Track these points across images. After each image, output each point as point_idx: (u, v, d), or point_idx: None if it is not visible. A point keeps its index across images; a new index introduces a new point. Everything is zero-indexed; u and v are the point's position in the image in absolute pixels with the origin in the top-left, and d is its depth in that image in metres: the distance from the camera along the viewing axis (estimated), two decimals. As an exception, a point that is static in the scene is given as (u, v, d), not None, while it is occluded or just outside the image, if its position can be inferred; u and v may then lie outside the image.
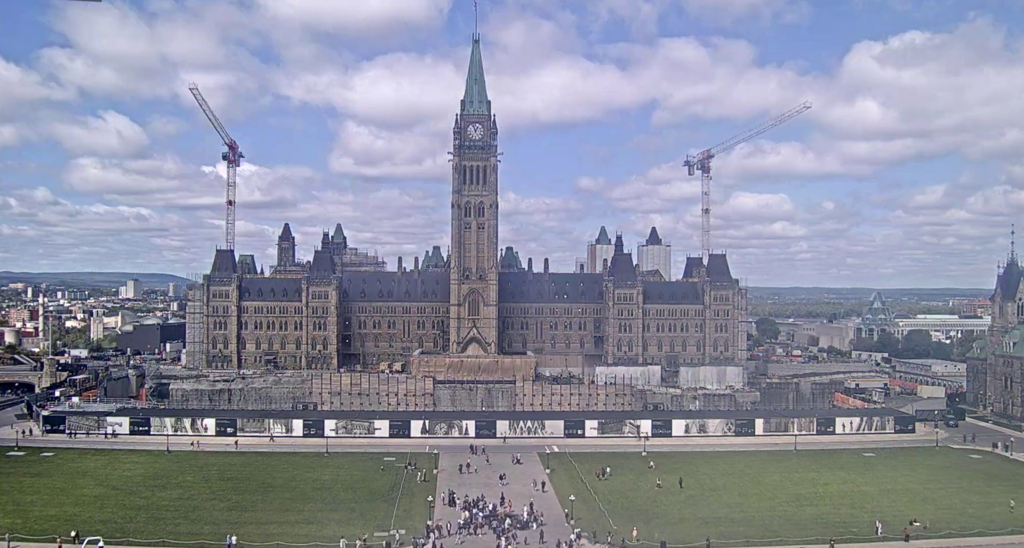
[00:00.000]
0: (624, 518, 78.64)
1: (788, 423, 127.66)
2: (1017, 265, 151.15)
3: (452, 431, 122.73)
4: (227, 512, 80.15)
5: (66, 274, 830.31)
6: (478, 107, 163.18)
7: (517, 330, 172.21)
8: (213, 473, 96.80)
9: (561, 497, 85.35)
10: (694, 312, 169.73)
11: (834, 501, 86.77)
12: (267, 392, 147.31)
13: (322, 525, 75.37)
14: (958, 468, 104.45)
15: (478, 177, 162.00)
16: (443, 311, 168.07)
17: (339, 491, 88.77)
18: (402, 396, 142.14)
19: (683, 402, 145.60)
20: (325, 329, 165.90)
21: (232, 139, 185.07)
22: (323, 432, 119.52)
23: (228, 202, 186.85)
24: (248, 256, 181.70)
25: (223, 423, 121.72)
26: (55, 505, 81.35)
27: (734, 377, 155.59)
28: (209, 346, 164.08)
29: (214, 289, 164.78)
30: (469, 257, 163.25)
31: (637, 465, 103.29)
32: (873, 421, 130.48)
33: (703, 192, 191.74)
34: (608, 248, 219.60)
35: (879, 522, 76.00)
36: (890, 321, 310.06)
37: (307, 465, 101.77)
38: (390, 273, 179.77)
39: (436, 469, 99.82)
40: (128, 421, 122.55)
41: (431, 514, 78.14)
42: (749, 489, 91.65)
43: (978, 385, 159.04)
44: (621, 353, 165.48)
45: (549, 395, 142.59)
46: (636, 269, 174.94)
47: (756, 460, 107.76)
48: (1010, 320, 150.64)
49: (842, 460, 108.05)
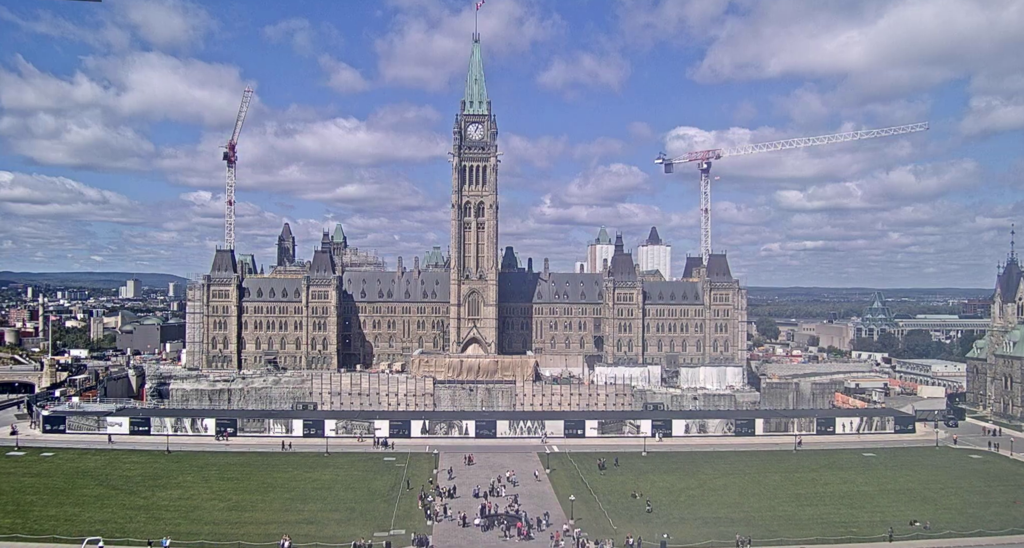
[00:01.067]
0: (624, 518, 78.67)
1: (788, 423, 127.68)
2: (1017, 265, 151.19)
3: (452, 431, 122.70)
4: (227, 512, 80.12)
5: (66, 274, 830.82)
6: (478, 107, 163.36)
7: (517, 330, 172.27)
8: (213, 473, 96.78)
9: (561, 497, 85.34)
10: (694, 312, 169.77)
11: (834, 501, 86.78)
12: (267, 392, 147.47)
13: (322, 525, 75.36)
14: (958, 468, 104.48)
15: (478, 177, 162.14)
16: (443, 311, 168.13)
17: (339, 491, 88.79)
18: (402, 396, 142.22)
19: (683, 402, 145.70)
20: (325, 329, 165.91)
21: (232, 140, 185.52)
22: (323, 432, 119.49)
23: (228, 202, 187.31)
24: (248, 256, 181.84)
25: (223, 423, 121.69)
26: (55, 505, 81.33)
27: (734, 377, 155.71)
28: (209, 346, 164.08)
29: (214, 289, 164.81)
30: (469, 257, 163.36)
31: (637, 465, 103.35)
32: (873, 421, 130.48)
33: (703, 192, 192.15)
34: (608, 248, 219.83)
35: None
36: (890, 321, 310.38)
37: (307, 465, 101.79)
38: (390, 273, 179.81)
39: (436, 469, 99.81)
40: (128, 421, 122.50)
41: (431, 514, 78.07)
42: (749, 489, 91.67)
43: (978, 385, 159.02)
44: (621, 353, 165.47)
45: (549, 395, 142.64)
46: (636, 269, 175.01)
47: (756, 460, 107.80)
48: (1010, 320, 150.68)
49: (842, 460, 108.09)
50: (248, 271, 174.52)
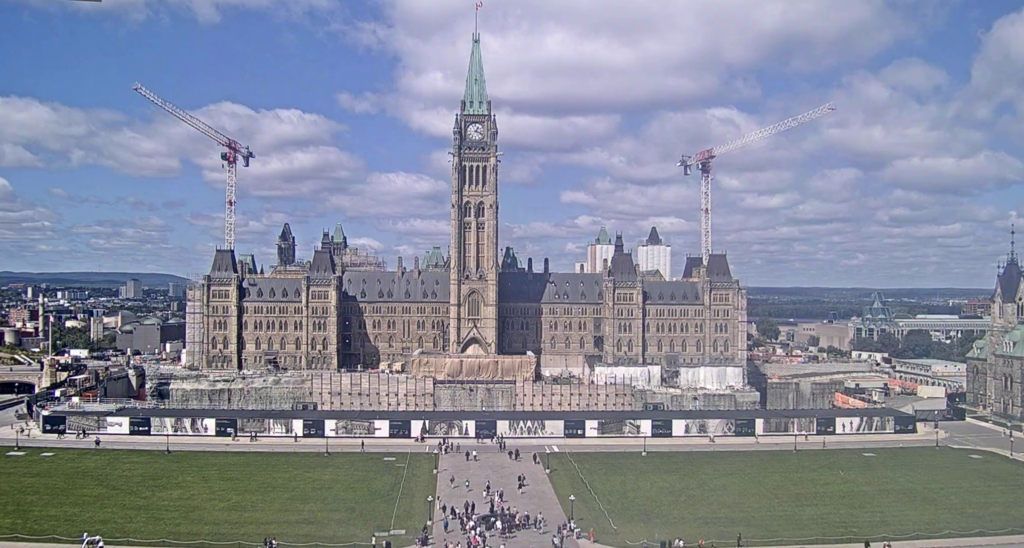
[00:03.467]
0: (624, 518, 78.68)
1: (788, 423, 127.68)
2: (1017, 265, 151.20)
3: (452, 431, 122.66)
4: (227, 512, 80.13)
5: (66, 274, 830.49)
6: (478, 107, 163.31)
7: (517, 330, 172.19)
8: (213, 473, 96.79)
9: (561, 497, 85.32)
10: (694, 312, 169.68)
11: (834, 501, 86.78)
12: (267, 392, 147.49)
13: (322, 525, 75.35)
14: (958, 468, 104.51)
15: (478, 177, 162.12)
16: (443, 311, 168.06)
17: (339, 491, 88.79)
18: (402, 396, 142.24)
19: (683, 402, 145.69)
20: (325, 329, 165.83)
21: (229, 139, 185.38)
22: (323, 432, 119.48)
23: (228, 202, 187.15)
24: (248, 256, 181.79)
25: (223, 423, 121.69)
26: (55, 505, 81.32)
27: (734, 377, 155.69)
28: (209, 346, 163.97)
29: (214, 289, 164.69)
30: (469, 257, 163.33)
31: (638, 465, 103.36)
32: (873, 421, 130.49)
33: (703, 192, 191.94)
34: (608, 248, 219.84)
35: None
36: (890, 321, 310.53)
37: (307, 465, 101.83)
38: (390, 273, 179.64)
39: (436, 469, 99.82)
40: (128, 421, 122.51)
41: (431, 514, 78.06)
42: (749, 489, 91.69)
43: (978, 385, 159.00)
44: (621, 353, 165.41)
45: (549, 395, 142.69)
46: (636, 269, 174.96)
47: (756, 460, 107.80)
48: (1010, 320, 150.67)
49: (842, 460, 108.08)
50: (248, 271, 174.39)
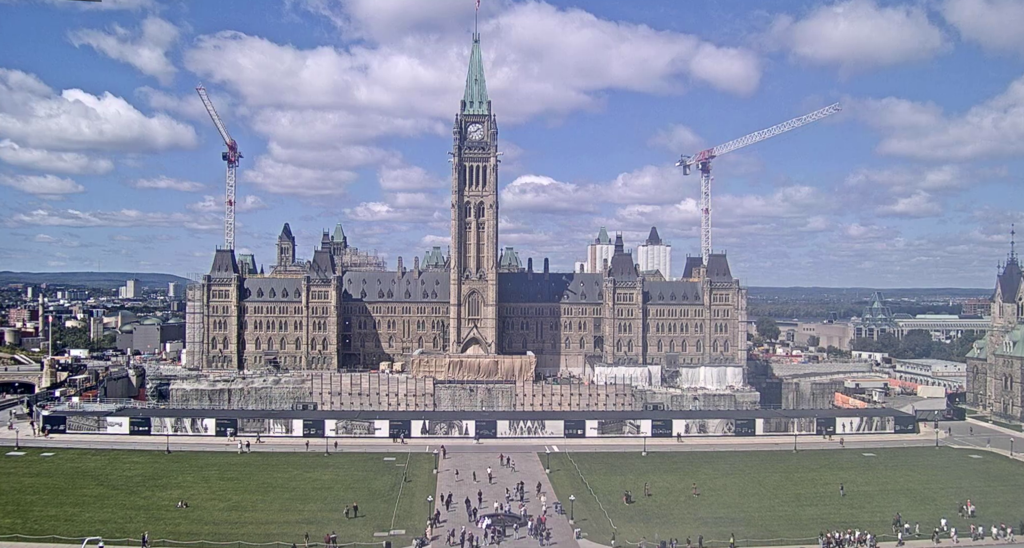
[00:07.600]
0: (624, 518, 78.68)
1: (788, 423, 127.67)
2: (1017, 265, 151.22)
3: (452, 431, 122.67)
4: (227, 512, 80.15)
5: (66, 274, 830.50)
6: (478, 107, 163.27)
7: (517, 330, 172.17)
8: (213, 473, 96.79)
9: (561, 497, 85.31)
10: (694, 312, 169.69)
11: (834, 501, 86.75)
12: (267, 392, 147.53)
13: (322, 525, 75.32)
14: (958, 468, 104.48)
15: (478, 177, 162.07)
16: (443, 311, 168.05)
17: (339, 491, 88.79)
18: (402, 396, 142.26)
19: (683, 402, 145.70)
20: (325, 329, 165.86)
21: (232, 139, 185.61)
22: (323, 432, 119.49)
23: (228, 202, 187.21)
24: (248, 256, 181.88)
25: (223, 423, 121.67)
26: (55, 505, 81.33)
27: (734, 377, 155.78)
28: (209, 346, 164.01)
29: (214, 289, 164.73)
30: (469, 257, 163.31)
31: (637, 465, 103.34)
32: (873, 421, 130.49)
33: (703, 192, 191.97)
34: (608, 248, 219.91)
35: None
36: (890, 321, 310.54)
37: (307, 465, 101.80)
38: (390, 273, 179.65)
39: (436, 469, 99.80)
40: (128, 421, 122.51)
41: (431, 514, 78.07)
42: (749, 489, 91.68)
43: (978, 385, 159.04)
44: (621, 353, 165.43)
45: (549, 395, 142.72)
46: (636, 269, 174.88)
47: (756, 460, 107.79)
48: (1010, 320, 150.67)
49: (842, 460, 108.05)
50: (248, 271, 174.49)
